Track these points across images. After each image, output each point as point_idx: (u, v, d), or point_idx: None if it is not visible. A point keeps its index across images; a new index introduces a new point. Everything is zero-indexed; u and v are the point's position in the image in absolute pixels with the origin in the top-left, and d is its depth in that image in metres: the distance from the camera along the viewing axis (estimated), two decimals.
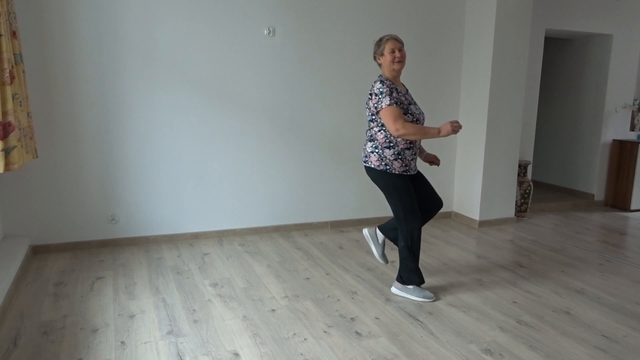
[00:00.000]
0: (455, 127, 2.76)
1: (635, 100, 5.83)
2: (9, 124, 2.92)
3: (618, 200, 5.77)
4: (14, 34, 3.15)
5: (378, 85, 2.89)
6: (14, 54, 3.12)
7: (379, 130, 2.95)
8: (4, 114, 2.89)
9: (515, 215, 5.11)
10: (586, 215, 5.44)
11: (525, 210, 5.20)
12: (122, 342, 2.49)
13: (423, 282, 3.11)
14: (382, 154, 2.95)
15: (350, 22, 4.43)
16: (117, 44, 3.77)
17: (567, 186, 6.28)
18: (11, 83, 2.93)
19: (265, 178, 4.38)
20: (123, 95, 3.84)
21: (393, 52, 2.88)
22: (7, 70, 2.89)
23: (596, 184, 5.89)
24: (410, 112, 2.90)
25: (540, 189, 6.37)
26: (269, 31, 4.17)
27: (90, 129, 3.81)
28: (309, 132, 4.47)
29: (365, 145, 3.06)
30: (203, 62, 4.02)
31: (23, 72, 3.29)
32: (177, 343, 2.49)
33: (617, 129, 5.85)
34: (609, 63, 5.65)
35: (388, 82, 2.90)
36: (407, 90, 3.07)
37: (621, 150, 5.73)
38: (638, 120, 5.89)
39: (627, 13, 5.59)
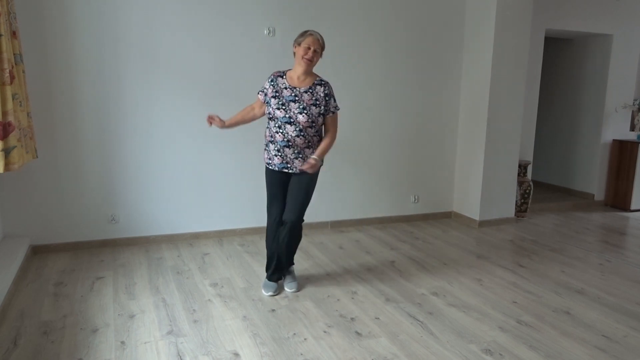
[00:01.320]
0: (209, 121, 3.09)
1: (635, 100, 5.83)
2: (9, 124, 2.92)
3: (618, 200, 5.77)
4: (14, 34, 3.15)
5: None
6: (14, 54, 3.12)
7: None
8: (4, 114, 2.89)
9: (515, 215, 5.11)
10: (586, 215, 5.44)
11: (525, 210, 5.20)
12: (122, 342, 2.49)
13: (270, 278, 3.19)
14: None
15: (350, 22, 4.43)
16: (117, 44, 3.77)
17: (567, 186, 6.28)
18: (11, 83, 2.93)
19: None
20: (123, 95, 3.84)
21: (308, 48, 2.87)
22: (7, 70, 2.89)
23: (596, 184, 5.89)
24: (270, 104, 2.95)
25: (540, 189, 6.37)
26: (269, 31, 4.17)
27: (90, 128, 3.80)
28: None
29: None
30: (203, 61, 4.02)
31: (23, 72, 3.29)
32: (177, 343, 2.49)
33: (617, 129, 5.85)
34: (609, 63, 5.64)
35: (274, 74, 3.02)
36: (310, 87, 2.94)
37: (621, 150, 5.73)
38: (638, 120, 5.89)
39: (627, 13, 5.59)
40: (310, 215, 4.60)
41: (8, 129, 2.91)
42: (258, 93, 3.08)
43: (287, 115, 2.89)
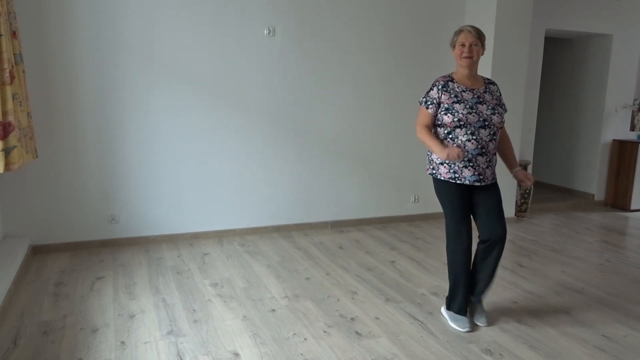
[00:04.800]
0: (458, 156, 2.43)
1: (635, 100, 5.83)
2: (9, 124, 2.92)
3: (618, 200, 5.77)
4: (14, 34, 3.15)
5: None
6: (14, 54, 3.12)
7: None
8: (4, 114, 2.89)
9: (515, 215, 5.10)
10: (586, 215, 5.44)
11: (525, 210, 5.19)
12: (122, 342, 2.49)
13: (460, 312, 2.73)
14: (430, 156, 2.75)
15: (350, 22, 4.43)
16: (117, 44, 3.77)
17: (567, 186, 6.28)
18: (11, 83, 2.93)
19: (266, 178, 4.38)
20: (123, 95, 3.84)
21: (463, 45, 2.61)
22: (7, 70, 2.89)
23: (596, 184, 5.89)
24: (452, 111, 2.58)
25: (540, 189, 6.37)
26: (269, 31, 4.17)
27: (90, 128, 3.80)
28: (309, 132, 4.47)
29: None
30: (203, 61, 4.02)
31: (23, 72, 3.29)
32: (177, 343, 2.49)
33: (617, 129, 5.85)
34: (609, 63, 5.65)
35: (440, 79, 2.71)
36: (486, 87, 2.70)
37: (621, 150, 5.73)
38: (638, 120, 5.89)
39: (627, 13, 5.59)
40: (310, 215, 4.62)
41: (8, 129, 2.91)
42: (427, 107, 2.67)
43: (481, 119, 2.58)
